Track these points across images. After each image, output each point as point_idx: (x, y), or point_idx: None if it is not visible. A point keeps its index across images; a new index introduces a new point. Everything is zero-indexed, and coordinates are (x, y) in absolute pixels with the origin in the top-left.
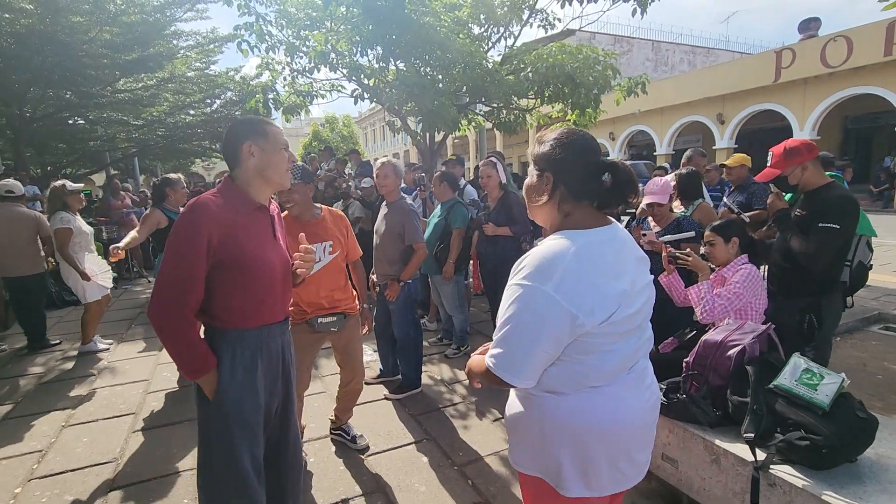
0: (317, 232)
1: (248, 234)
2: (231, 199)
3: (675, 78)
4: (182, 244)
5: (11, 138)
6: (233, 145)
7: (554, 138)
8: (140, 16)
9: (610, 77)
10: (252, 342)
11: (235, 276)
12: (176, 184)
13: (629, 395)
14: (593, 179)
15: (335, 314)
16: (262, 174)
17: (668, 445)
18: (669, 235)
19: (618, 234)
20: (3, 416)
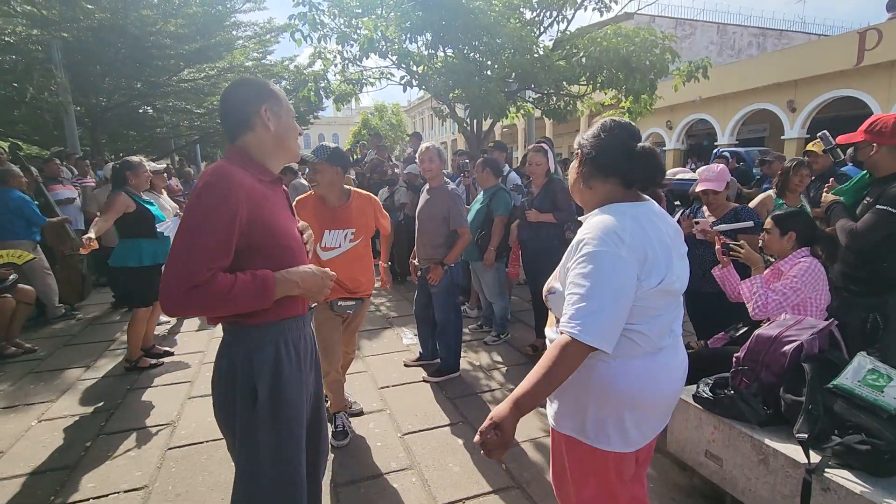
0: (341, 218)
1: (277, 209)
2: (253, 170)
3: (742, 62)
4: (208, 212)
5: (89, 126)
6: (243, 110)
7: (597, 126)
8: (202, 7)
9: (668, 61)
10: (292, 331)
11: (270, 257)
12: (137, 167)
13: (672, 361)
14: (620, 160)
15: (354, 299)
16: (280, 142)
17: (713, 443)
18: (725, 225)
19: (653, 209)
20: (77, 378)
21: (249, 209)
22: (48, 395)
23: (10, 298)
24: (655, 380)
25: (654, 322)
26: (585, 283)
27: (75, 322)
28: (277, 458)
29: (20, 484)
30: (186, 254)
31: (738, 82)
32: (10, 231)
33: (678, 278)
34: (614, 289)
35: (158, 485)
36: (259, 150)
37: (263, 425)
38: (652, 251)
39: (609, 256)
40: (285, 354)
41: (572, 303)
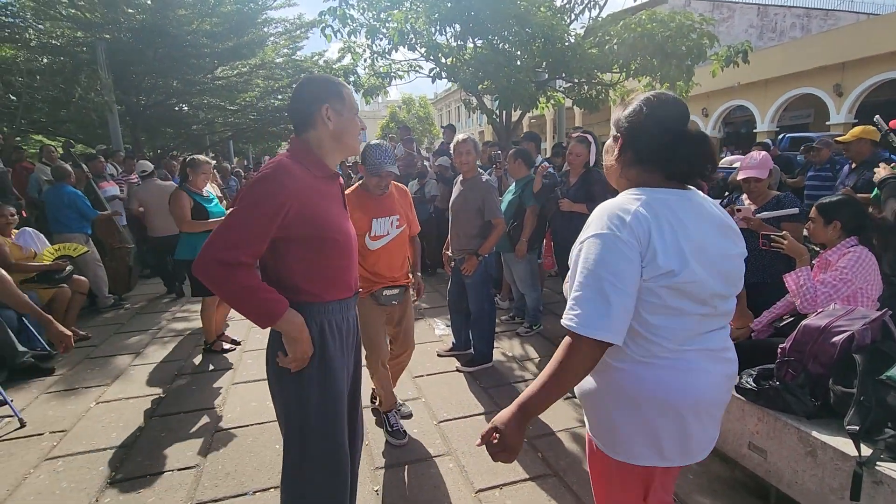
0: (386, 206)
1: (328, 203)
2: (309, 166)
3: (784, 45)
4: (259, 200)
5: (130, 124)
6: (308, 107)
7: (639, 100)
8: (236, 6)
9: (706, 46)
10: (337, 313)
11: (318, 247)
12: (197, 166)
13: (702, 367)
14: (663, 147)
15: (397, 287)
16: (339, 139)
17: (757, 434)
18: (768, 212)
19: (693, 198)
20: (128, 364)
21: (300, 203)
22: (103, 379)
23: (67, 288)
24: (685, 386)
25: (674, 319)
26: (584, 271)
27: (124, 311)
28: (324, 431)
29: (85, 460)
30: (227, 232)
31: (781, 66)
32: (65, 225)
33: (703, 281)
34: (613, 273)
35: (209, 464)
36: (319, 146)
37: (313, 397)
38: (660, 239)
39: (607, 239)
40: (329, 334)
41: (572, 293)
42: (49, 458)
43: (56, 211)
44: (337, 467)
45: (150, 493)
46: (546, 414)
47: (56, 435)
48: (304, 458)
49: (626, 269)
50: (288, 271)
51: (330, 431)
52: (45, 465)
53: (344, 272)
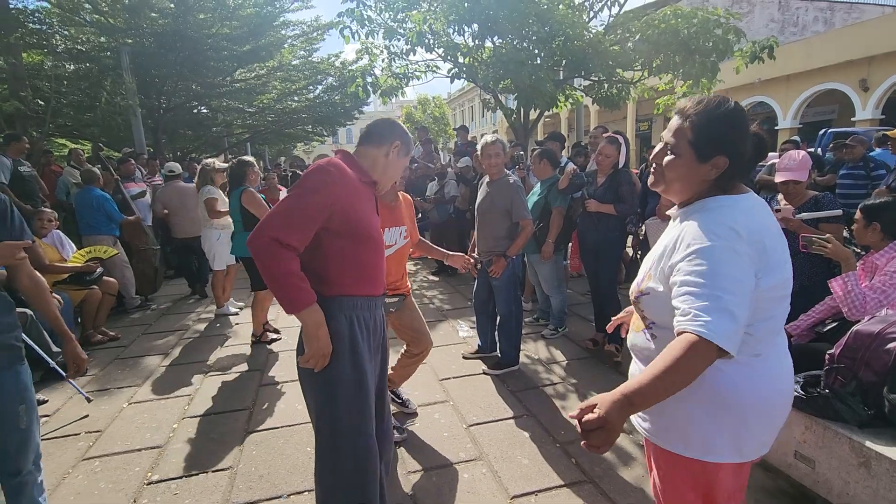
0: (396, 216)
1: (366, 205)
2: (356, 171)
3: (808, 40)
4: (318, 187)
5: (152, 127)
6: (385, 133)
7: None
8: (254, 9)
9: (732, 42)
10: (365, 309)
11: (353, 241)
12: (254, 166)
13: (785, 360)
14: (737, 143)
15: (397, 295)
16: (384, 171)
17: (804, 444)
18: (808, 213)
19: (759, 200)
20: (157, 364)
21: (348, 200)
22: (134, 379)
23: (97, 290)
24: (783, 380)
25: (768, 323)
26: (705, 280)
27: (150, 312)
28: (354, 425)
29: (121, 460)
30: (286, 213)
31: (804, 61)
32: (94, 227)
33: (789, 281)
34: (735, 285)
35: (242, 466)
36: (371, 162)
37: (342, 391)
38: (772, 245)
39: (726, 250)
40: (358, 328)
41: (694, 298)
42: (86, 458)
43: (85, 214)
44: (366, 462)
45: (186, 494)
46: None
47: (92, 435)
48: (336, 452)
49: (744, 281)
50: (327, 262)
51: (360, 426)
52: (83, 466)
53: (375, 268)
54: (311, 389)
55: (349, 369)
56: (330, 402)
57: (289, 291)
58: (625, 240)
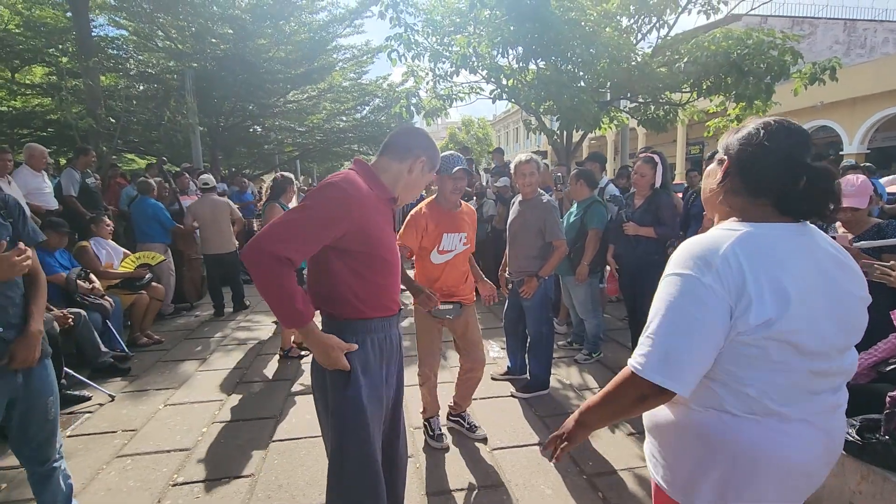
0: (456, 223)
1: (383, 223)
2: (373, 186)
3: (876, 61)
4: (321, 204)
5: (209, 144)
6: (410, 144)
7: (755, 124)
8: (309, 34)
9: (789, 63)
10: (379, 332)
11: (368, 263)
12: (293, 182)
13: (804, 431)
14: (780, 178)
15: (452, 303)
16: (406, 188)
17: (859, 494)
18: (868, 242)
19: (806, 232)
20: (195, 369)
21: (362, 218)
22: (172, 382)
23: (146, 295)
24: (777, 450)
25: (775, 377)
26: (659, 310)
27: (194, 319)
28: (359, 450)
29: (151, 460)
30: (283, 227)
31: (872, 84)
32: (149, 235)
33: (813, 330)
34: (689, 321)
35: (263, 474)
36: (392, 176)
37: (352, 413)
38: (756, 282)
39: (688, 282)
40: (371, 351)
41: (646, 329)
42: (120, 455)
43: (142, 222)
44: (373, 488)
45: (207, 498)
46: (608, 451)
47: (127, 434)
48: (342, 475)
49: (703, 318)
50: (338, 284)
51: (364, 451)
52: (116, 463)
53: (388, 290)
54: (324, 413)
55: (363, 396)
56: (340, 428)
57: (288, 307)
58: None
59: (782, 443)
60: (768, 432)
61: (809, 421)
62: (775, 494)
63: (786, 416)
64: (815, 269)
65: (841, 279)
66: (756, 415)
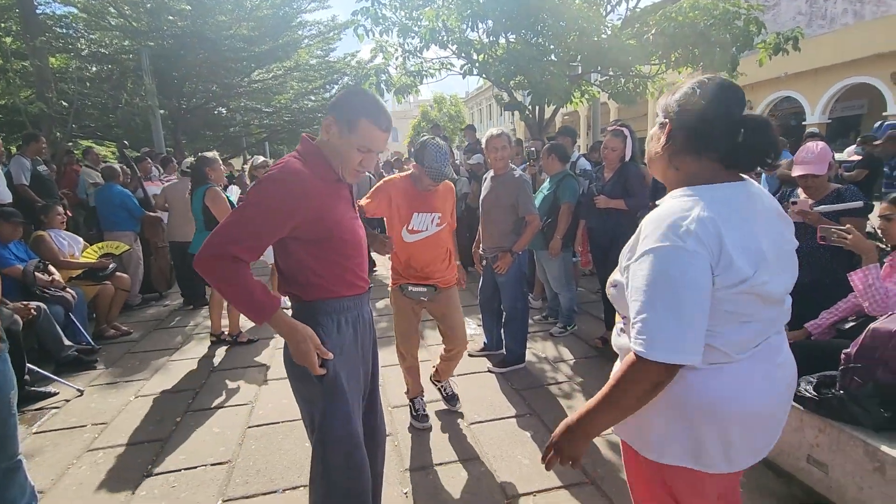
0: (430, 202)
1: (338, 206)
2: (317, 168)
3: (837, 32)
4: (262, 200)
5: (171, 127)
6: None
7: (690, 84)
8: (272, 10)
9: (753, 33)
10: (351, 310)
11: (330, 247)
12: (214, 162)
13: (757, 372)
14: (723, 134)
15: (426, 285)
16: (331, 156)
17: (817, 447)
18: (827, 206)
19: (750, 189)
20: (167, 359)
21: (311, 208)
22: (143, 374)
23: (111, 285)
24: (748, 390)
25: (742, 329)
26: (648, 289)
27: (164, 308)
28: (341, 431)
29: (123, 452)
30: (227, 227)
31: (832, 54)
32: (116, 223)
33: (775, 279)
34: (684, 289)
35: (240, 460)
36: (326, 150)
37: (328, 397)
38: (732, 241)
39: (673, 252)
40: (345, 331)
41: (636, 312)
42: (91, 449)
43: (107, 210)
44: (357, 467)
45: (183, 487)
46: None
47: (97, 427)
48: (326, 458)
49: (697, 284)
50: (302, 269)
51: (347, 431)
52: (87, 457)
53: (355, 269)
54: (302, 397)
55: (340, 376)
56: (320, 411)
57: (248, 303)
58: None
59: (743, 389)
60: (730, 381)
61: (765, 364)
62: (742, 440)
63: (744, 363)
64: (765, 222)
65: (783, 229)
66: (717, 365)
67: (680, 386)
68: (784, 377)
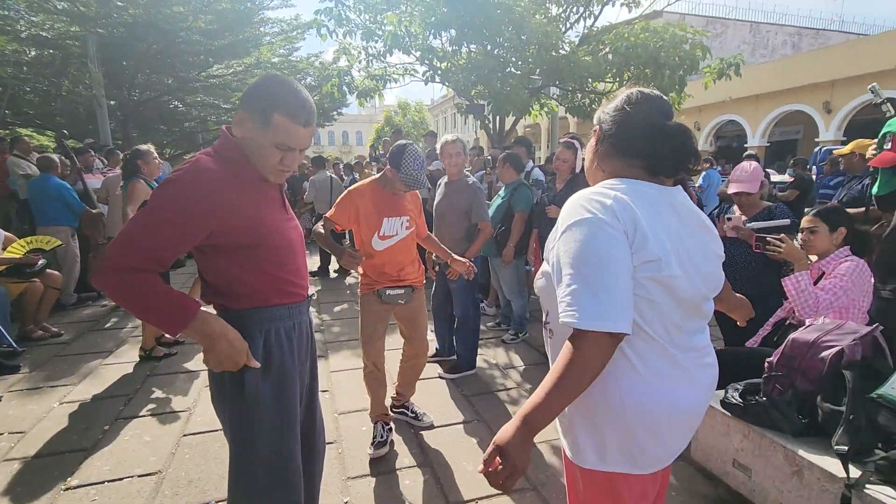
0: (398, 206)
1: (262, 208)
2: (234, 166)
3: (776, 62)
4: (162, 205)
5: (121, 119)
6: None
7: (620, 98)
8: (231, 4)
9: (699, 57)
10: (285, 320)
11: (257, 254)
12: (147, 154)
13: (682, 374)
14: (645, 139)
15: (403, 287)
16: (251, 152)
17: (741, 452)
18: (759, 223)
19: (673, 195)
20: (99, 363)
21: (226, 212)
22: (71, 378)
23: (39, 283)
24: (664, 393)
25: (660, 316)
26: (572, 262)
27: (101, 308)
28: (271, 449)
29: (41, 464)
30: (124, 236)
31: (772, 82)
32: (52, 217)
33: (686, 278)
34: (606, 257)
35: (172, 471)
36: (245, 146)
37: (255, 415)
38: (645, 224)
39: (590, 223)
40: (275, 343)
41: (565, 286)
42: (5, 459)
43: (42, 202)
44: (287, 486)
45: (105, 500)
46: None
47: (14, 436)
48: (252, 480)
49: (617, 253)
50: (227, 278)
51: (281, 448)
52: (2, 468)
53: (289, 278)
54: (223, 409)
55: (268, 391)
56: (245, 423)
57: (161, 314)
58: None
59: (671, 390)
60: (661, 383)
61: (692, 365)
62: (671, 436)
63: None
64: (683, 226)
65: (705, 237)
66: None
67: (613, 390)
68: (709, 377)
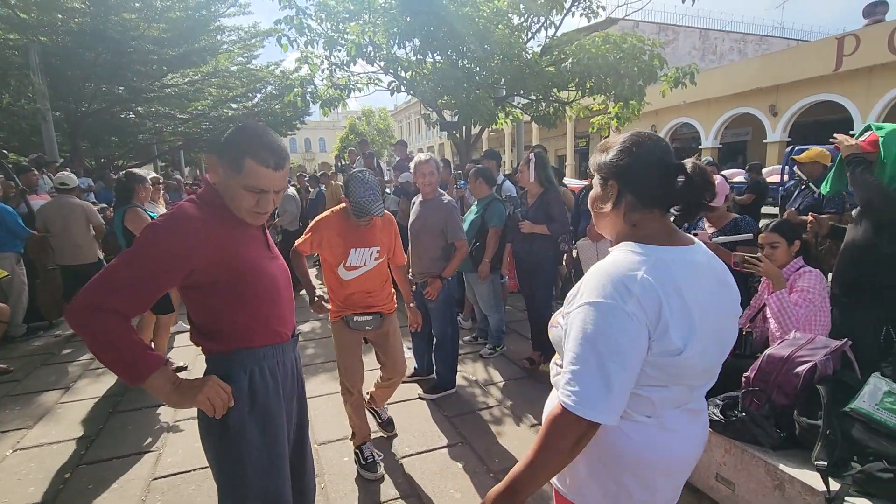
0: (366, 237)
1: (244, 248)
2: (215, 211)
3: (724, 67)
4: (153, 247)
5: (68, 132)
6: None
7: (620, 143)
8: (185, 12)
9: (657, 67)
10: (269, 359)
11: (240, 293)
12: (145, 180)
13: (680, 429)
14: (664, 184)
15: (371, 314)
16: (227, 196)
17: (724, 466)
18: (725, 237)
19: (696, 258)
20: (56, 401)
21: (209, 253)
22: (24, 420)
23: None
24: (662, 447)
25: (668, 391)
26: (582, 343)
27: (54, 339)
28: (260, 490)
29: None
30: (104, 276)
31: (722, 87)
32: None
33: (707, 355)
34: (616, 350)
35: None
36: (223, 193)
37: (240, 454)
38: (670, 308)
39: (610, 310)
40: (261, 383)
41: (569, 362)
42: None
43: None
44: None
45: None
46: (513, 447)
47: None
48: None
49: (630, 346)
50: (211, 316)
51: (268, 487)
52: None
53: (273, 317)
54: (211, 449)
55: (256, 433)
56: (233, 465)
57: (117, 360)
58: (558, 259)
59: (667, 440)
60: (655, 433)
61: (685, 419)
62: (664, 484)
63: (663, 417)
64: (705, 292)
65: (723, 298)
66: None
67: (609, 440)
68: (703, 431)
